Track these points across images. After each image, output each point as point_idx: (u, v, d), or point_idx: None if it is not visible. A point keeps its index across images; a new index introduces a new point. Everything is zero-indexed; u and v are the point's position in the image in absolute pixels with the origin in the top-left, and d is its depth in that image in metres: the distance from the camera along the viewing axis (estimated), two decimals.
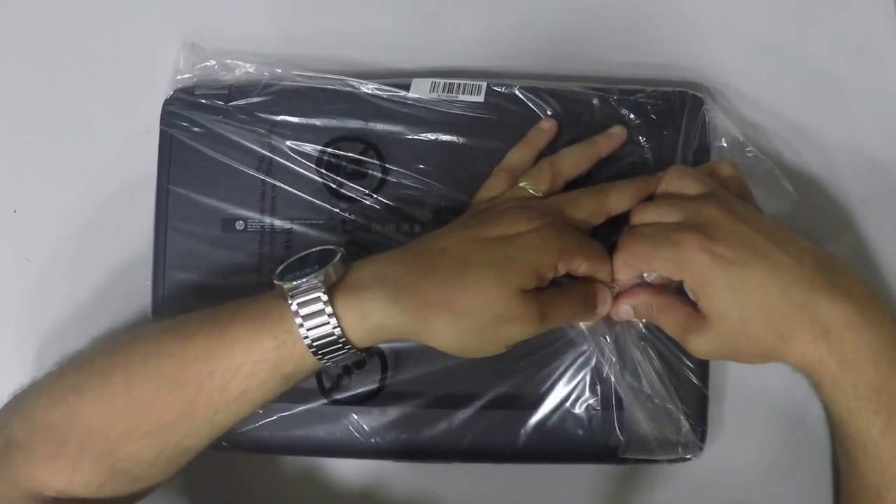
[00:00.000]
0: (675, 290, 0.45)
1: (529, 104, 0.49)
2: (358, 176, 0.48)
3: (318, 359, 0.40)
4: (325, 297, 0.39)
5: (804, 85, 0.53)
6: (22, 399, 0.42)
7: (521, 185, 0.45)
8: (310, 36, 0.53)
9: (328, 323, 0.39)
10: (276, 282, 0.40)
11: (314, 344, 0.40)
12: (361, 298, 0.39)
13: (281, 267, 0.41)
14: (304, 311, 0.39)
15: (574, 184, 0.47)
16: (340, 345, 0.40)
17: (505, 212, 0.43)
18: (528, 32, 0.53)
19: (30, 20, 0.53)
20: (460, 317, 0.40)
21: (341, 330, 0.39)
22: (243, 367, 0.40)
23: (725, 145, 0.49)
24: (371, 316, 0.40)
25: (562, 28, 0.53)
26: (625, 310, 0.45)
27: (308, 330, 0.39)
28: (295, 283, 0.39)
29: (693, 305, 0.43)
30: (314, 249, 0.42)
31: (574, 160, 0.47)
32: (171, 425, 0.40)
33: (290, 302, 0.39)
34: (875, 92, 0.53)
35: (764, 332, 0.41)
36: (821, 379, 0.42)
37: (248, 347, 0.40)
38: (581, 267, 0.43)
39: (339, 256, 0.40)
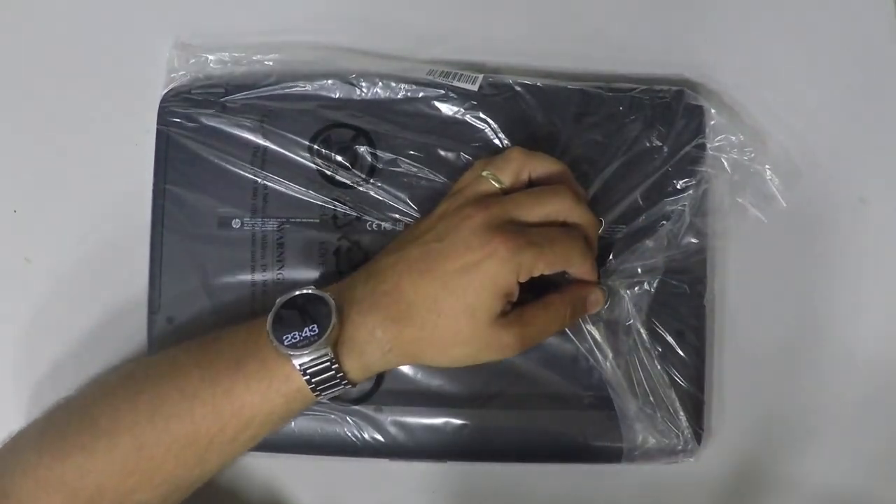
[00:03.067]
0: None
1: (523, 97, 0.49)
2: (350, 162, 0.49)
3: (318, 396, 0.43)
4: (332, 358, 0.41)
5: (803, 85, 0.53)
6: (18, 453, 0.42)
7: (484, 174, 0.44)
8: (302, 23, 0.53)
9: (336, 377, 0.42)
10: (274, 343, 0.40)
11: (319, 391, 0.42)
12: (362, 353, 0.42)
13: (271, 319, 0.41)
14: (311, 370, 0.41)
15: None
16: (342, 385, 0.42)
17: (459, 232, 0.42)
18: (529, 29, 0.53)
19: (31, 21, 0.53)
20: (445, 356, 0.43)
21: (347, 379, 0.42)
22: (255, 419, 0.42)
23: (722, 144, 0.49)
24: (370, 364, 0.43)
25: (562, 26, 0.53)
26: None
27: (317, 385, 0.42)
28: (299, 350, 0.40)
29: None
30: (300, 294, 0.42)
31: (543, 165, 0.45)
32: (183, 476, 0.42)
33: (298, 368, 0.41)
34: (875, 92, 0.53)
35: None
36: None
37: (258, 406, 0.41)
38: (546, 271, 0.42)
39: (334, 313, 0.41)
